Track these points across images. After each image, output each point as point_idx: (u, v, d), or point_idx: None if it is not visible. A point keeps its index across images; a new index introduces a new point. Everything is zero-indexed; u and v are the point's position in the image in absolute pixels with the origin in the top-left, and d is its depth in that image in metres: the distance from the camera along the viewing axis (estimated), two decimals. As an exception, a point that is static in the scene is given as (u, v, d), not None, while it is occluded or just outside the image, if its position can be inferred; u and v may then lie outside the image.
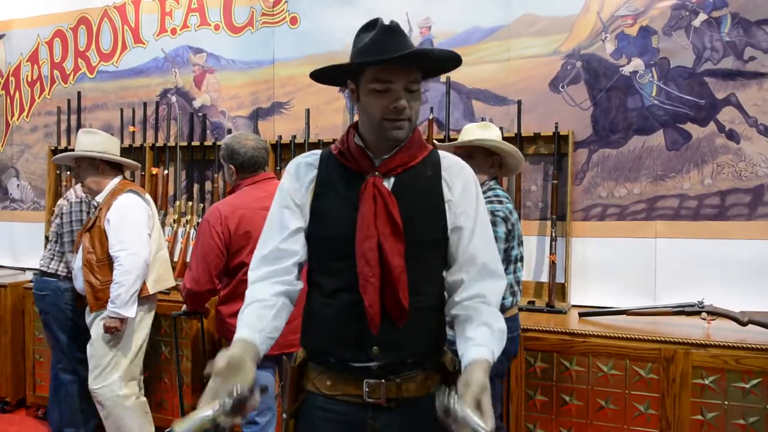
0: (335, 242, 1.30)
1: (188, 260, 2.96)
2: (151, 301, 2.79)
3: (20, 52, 4.27)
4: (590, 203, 2.89)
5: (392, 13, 2.92)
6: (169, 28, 3.78)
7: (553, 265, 2.83)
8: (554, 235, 2.86)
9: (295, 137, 3.38)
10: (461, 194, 1.34)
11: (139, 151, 3.74)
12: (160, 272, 2.77)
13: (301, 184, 1.35)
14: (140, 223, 2.67)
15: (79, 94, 4.01)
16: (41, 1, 4.18)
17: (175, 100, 3.78)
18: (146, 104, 3.81)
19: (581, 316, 2.62)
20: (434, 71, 1.37)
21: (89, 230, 2.69)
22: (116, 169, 2.81)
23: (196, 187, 3.64)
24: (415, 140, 1.34)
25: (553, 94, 2.93)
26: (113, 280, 2.56)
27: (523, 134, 2.90)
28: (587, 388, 2.41)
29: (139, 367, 2.79)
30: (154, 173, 3.73)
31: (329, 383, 1.32)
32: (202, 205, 3.61)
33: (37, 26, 4.20)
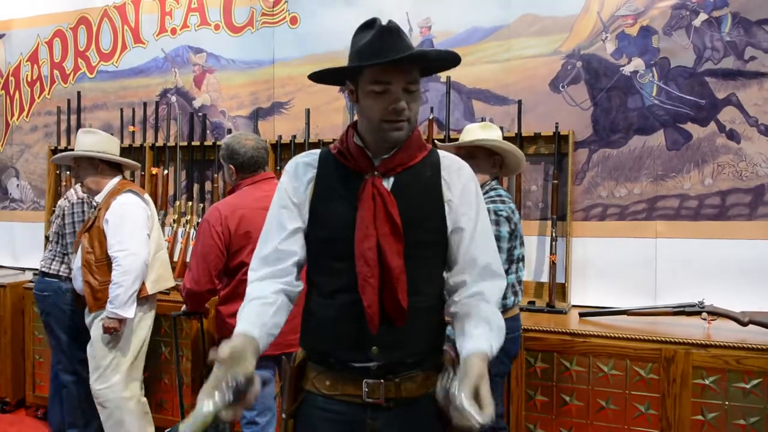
0: (334, 242, 1.30)
1: (188, 260, 2.95)
2: (150, 301, 2.78)
3: (20, 51, 4.26)
4: (590, 203, 2.88)
5: (392, 13, 2.93)
6: (169, 28, 3.78)
7: (553, 265, 2.83)
8: (554, 235, 2.85)
9: (295, 137, 3.38)
10: (461, 194, 1.34)
11: (138, 151, 3.74)
12: (159, 273, 2.77)
13: (299, 183, 1.35)
14: (139, 223, 2.67)
15: (78, 94, 4.01)
16: (41, 1, 4.18)
17: (175, 100, 3.78)
18: (146, 104, 3.81)
19: (581, 316, 2.62)
20: (433, 69, 1.38)
21: (88, 230, 2.69)
22: (116, 169, 2.81)
23: (196, 187, 3.64)
24: (414, 140, 1.33)
25: (553, 94, 2.93)
26: (112, 280, 2.56)
27: (523, 134, 2.90)
28: (587, 388, 2.41)
29: (140, 368, 2.78)
30: (153, 173, 3.73)
31: (328, 383, 1.32)
32: (202, 205, 3.60)
33: (37, 26, 4.19)
